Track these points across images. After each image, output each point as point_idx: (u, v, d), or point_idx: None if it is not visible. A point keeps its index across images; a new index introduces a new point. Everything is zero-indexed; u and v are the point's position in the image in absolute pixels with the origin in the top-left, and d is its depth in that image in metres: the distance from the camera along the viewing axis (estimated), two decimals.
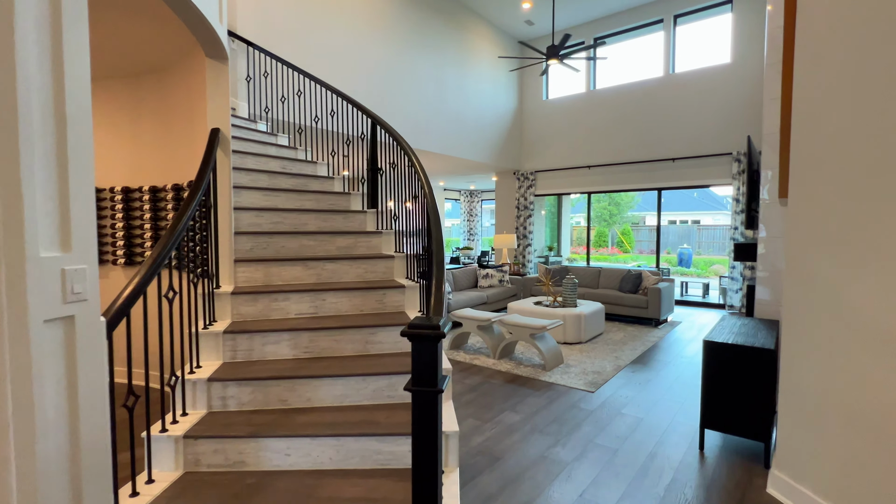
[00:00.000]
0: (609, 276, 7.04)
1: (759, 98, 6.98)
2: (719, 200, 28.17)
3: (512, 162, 9.54)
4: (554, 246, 11.70)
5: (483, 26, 8.47)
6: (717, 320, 6.23)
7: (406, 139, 7.11)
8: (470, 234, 15.00)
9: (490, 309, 6.69)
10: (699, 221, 26.56)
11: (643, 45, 8.33)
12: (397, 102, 6.74)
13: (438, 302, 1.59)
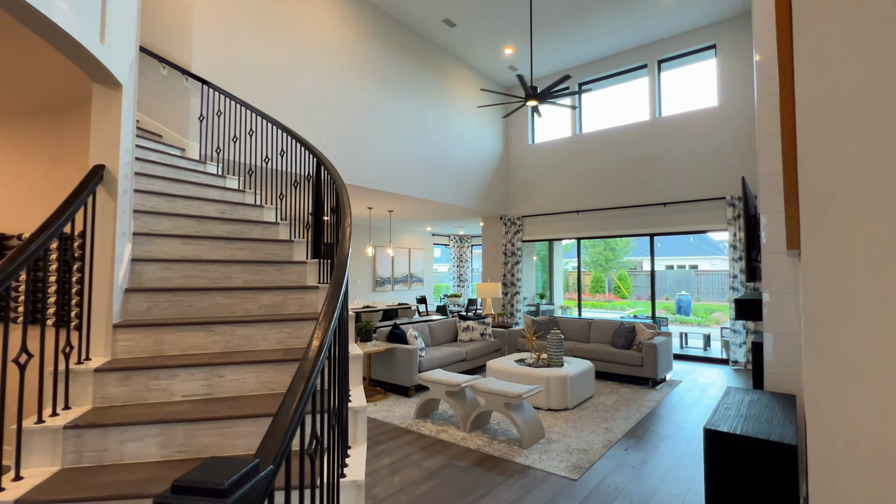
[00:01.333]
0: (600, 329, 6.46)
1: (749, 141, 6.71)
2: (716, 245, 27.95)
3: (498, 207, 9.19)
4: (546, 293, 11.16)
5: (465, 71, 8.36)
6: (719, 383, 5.60)
7: (384, 183, 6.78)
8: (460, 281, 14.48)
9: (469, 367, 6.06)
10: (697, 266, 26.18)
11: (628, 91, 8.19)
12: (374, 145, 6.44)
13: (273, 437, 1.02)
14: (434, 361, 5.40)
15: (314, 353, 1.32)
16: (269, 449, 0.95)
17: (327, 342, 1.42)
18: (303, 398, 1.15)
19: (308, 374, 1.22)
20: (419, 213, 9.32)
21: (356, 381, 2.40)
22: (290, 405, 1.12)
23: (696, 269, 24.77)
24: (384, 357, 5.30)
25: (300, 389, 1.16)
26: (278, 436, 1.00)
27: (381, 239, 11.85)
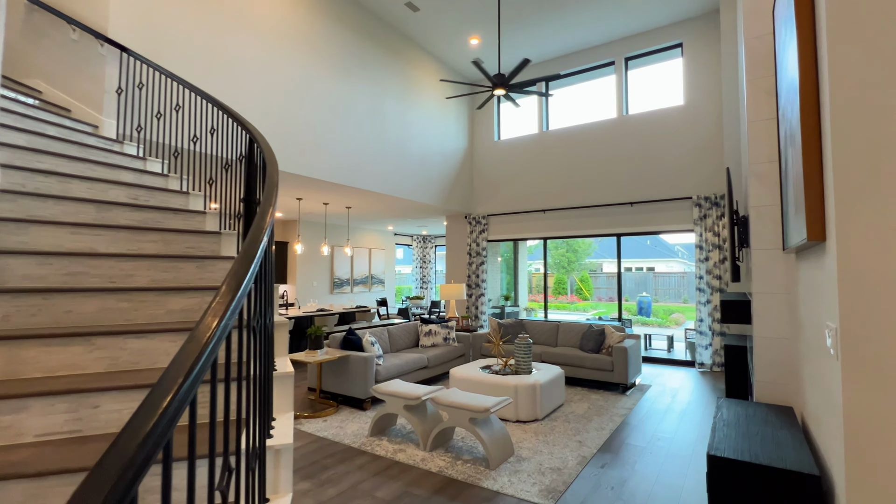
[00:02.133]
0: (568, 333, 6.19)
1: (715, 140, 6.64)
2: (670, 248, 28.83)
3: (462, 205, 8.82)
4: (510, 295, 10.90)
5: (429, 61, 7.95)
6: (688, 387, 5.35)
7: (340, 175, 6.24)
8: (423, 282, 14.03)
9: (431, 375, 5.63)
10: (654, 268, 26.92)
11: (596, 88, 8.03)
12: (329, 135, 5.90)
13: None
14: (392, 370, 4.93)
15: (180, 373, 0.83)
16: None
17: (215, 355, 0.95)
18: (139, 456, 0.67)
19: (156, 413, 0.74)
20: (379, 210, 8.81)
21: (284, 407, 1.91)
22: (113, 468, 0.64)
23: (654, 271, 25.46)
24: (336, 366, 4.78)
25: (133, 442, 0.68)
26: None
27: (339, 238, 11.24)
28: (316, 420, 4.27)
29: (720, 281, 6.47)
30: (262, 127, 5.02)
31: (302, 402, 4.85)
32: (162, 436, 0.71)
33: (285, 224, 10.57)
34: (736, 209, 3.12)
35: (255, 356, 1.42)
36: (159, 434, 0.71)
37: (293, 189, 6.59)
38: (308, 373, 5.08)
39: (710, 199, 6.55)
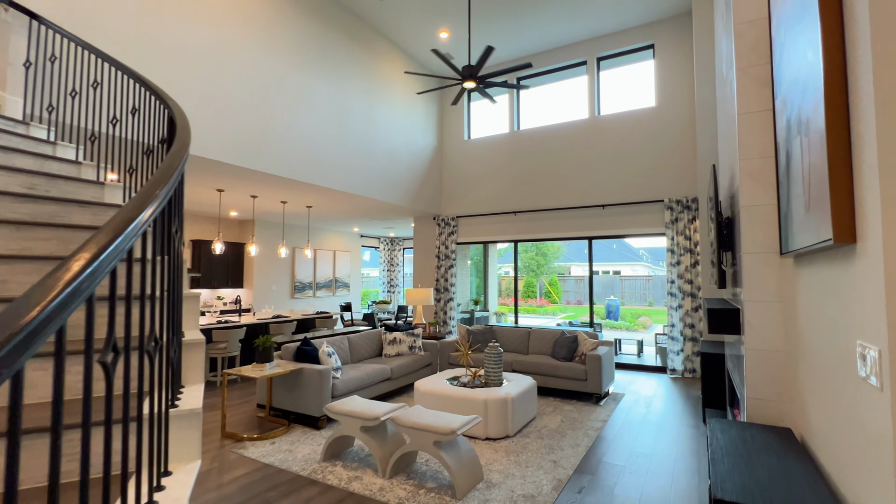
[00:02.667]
0: (540, 339, 5.93)
1: (687, 143, 6.56)
2: (635, 252, 29.44)
3: (431, 206, 8.47)
4: (480, 299, 10.62)
5: (396, 54, 7.58)
6: (662, 394, 5.09)
7: (298, 171, 5.77)
8: (391, 286, 13.58)
9: (395, 387, 5.23)
10: (619, 272, 27.38)
11: (568, 88, 7.87)
12: (286, 127, 5.43)
13: None
14: (352, 383, 4.50)
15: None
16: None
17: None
18: None
19: None
20: (343, 210, 8.35)
21: (187, 442, 1.49)
22: None
23: (620, 275, 25.88)
24: (289, 381, 4.32)
25: None
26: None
27: (301, 239, 10.66)
28: (263, 443, 3.80)
29: (691, 285, 6.37)
30: (207, 116, 4.51)
31: (249, 422, 4.36)
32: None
33: (241, 224, 9.92)
34: (719, 209, 2.90)
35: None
36: None
37: (247, 185, 6.06)
38: (257, 387, 4.59)
39: (682, 203, 6.46)
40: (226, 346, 5.88)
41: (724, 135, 3.55)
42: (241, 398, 5.19)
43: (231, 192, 6.59)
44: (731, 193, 3.00)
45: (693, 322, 6.33)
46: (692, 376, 6.31)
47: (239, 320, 6.61)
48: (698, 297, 6.32)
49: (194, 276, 8.89)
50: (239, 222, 9.93)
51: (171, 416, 1.43)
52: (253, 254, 6.90)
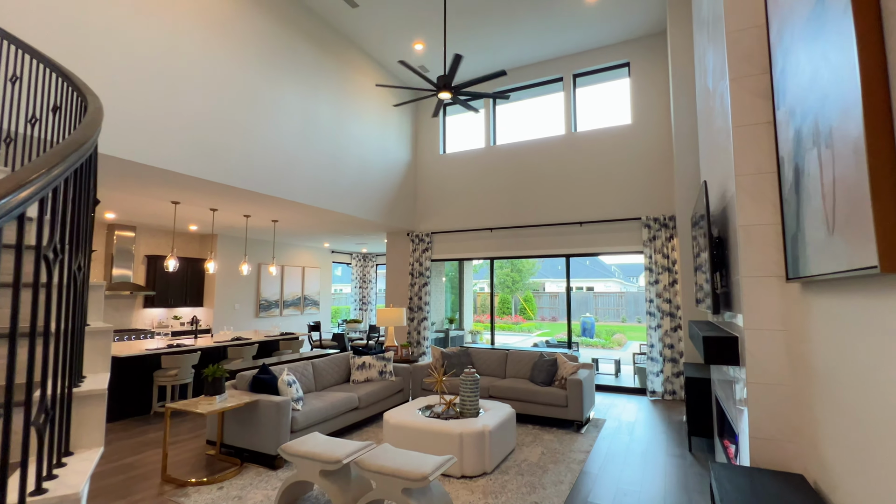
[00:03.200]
0: (518, 362, 5.65)
1: (662, 162, 6.52)
2: (607, 268, 29.80)
3: (405, 221, 8.17)
4: (455, 318, 10.31)
5: (369, 65, 7.34)
6: (643, 419, 4.72)
7: (263, 184, 5.38)
8: (363, 303, 13.11)
9: (364, 416, 4.83)
10: (593, 288, 27.62)
11: (544, 105, 7.78)
12: (250, 136, 5.06)
13: None
14: (314, 415, 4.09)
15: None
16: None
17: None
18: None
19: None
20: (312, 225, 7.95)
21: None
22: None
23: (593, 291, 26.08)
24: (243, 414, 3.88)
25: None
26: None
27: (266, 255, 10.15)
28: (209, 489, 3.34)
29: (670, 304, 6.25)
30: (158, 118, 4.11)
31: (196, 461, 3.88)
32: None
33: (201, 239, 9.36)
34: (710, 228, 2.71)
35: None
36: None
37: (206, 197, 5.62)
38: (207, 421, 4.11)
39: (660, 221, 6.38)
40: (176, 374, 5.36)
41: (708, 150, 3.41)
42: (190, 432, 4.68)
43: (189, 204, 6.12)
44: (721, 212, 2.82)
45: (672, 342, 6.19)
46: (672, 398, 6.14)
47: (194, 343, 6.08)
48: (677, 317, 6.20)
49: (148, 295, 8.27)
50: (199, 237, 9.36)
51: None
52: (211, 270, 6.40)
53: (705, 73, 3.40)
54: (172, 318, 8.77)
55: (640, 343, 9.16)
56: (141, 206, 6.42)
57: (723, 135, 2.62)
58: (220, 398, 3.71)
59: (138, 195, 5.57)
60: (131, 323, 8.13)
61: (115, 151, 3.77)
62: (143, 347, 5.58)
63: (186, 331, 8.25)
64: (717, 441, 3.56)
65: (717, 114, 2.86)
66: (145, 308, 8.37)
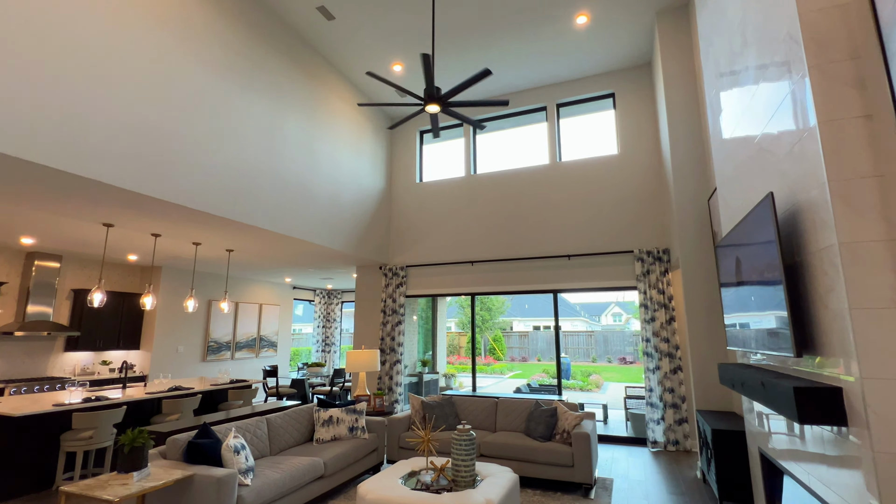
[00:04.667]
0: (510, 412, 4.94)
1: (655, 193, 6.25)
2: (572, 307, 29.77)
3: (378, 254, 7.47)
4: (429, 360, 9.50)
5: (342, 84, 6.84)
6: (653, 479, 3.91)
7: (219, 205, 4.55)
8: (326, 344, 12.04)
9: (330, 486, 3.93)
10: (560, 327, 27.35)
11: (528, 134, 7.49)
12: (205, 149, 4.34)
13: None
14: (268, 491, 3.20)
15: None
16: None
17: None
18: None
19: None
20: (274, 257, 7.11)
21: None
22: None
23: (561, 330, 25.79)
24: (173, 495, 2.95)
25: None
26: None
27: (217, 290, 9.09)
28: None
29: (668, 344, 5.78)
30: (82, 114, 3.35)
31: None
32: None
33: (141, 272, 8.26)
34: (791, 250, 2.22)
35: None
36: None
37: (146, 219, 4.77)
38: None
39: (653, 254, 6.01)
40: (92, 436, 4.28)
41: (742, 163, 3.01)
42: None
43: (125, 228, 5.21)
44: (793, 227, 2.35)
45: (672, 386, 5.67)
46: (676, 449, 5.56)
47: (122, 395, 5.00)
48: (676, 358, 5.72)
49: (71, 336, 7.05)
50: (139, 269, 8.26)
51: None
52: (148, 306, 5.41)
53: (735, 75, 3.05)
54: (100, 363, 7.51)
55: (627, 385, 8.64)
56: (68, 231, 5.44)
57: (792, 137, 2.18)
58: (140, 475, 2.78)
59: (62, 215, 4.65)
60: (46, 370, 6.84)
61: (19, 151, 2.97)
62: (52, 402, 4.49)
63: (114, 379, 7.02)
64: None
65: (759, 115, 2.46)
66: (67, 352, 7.11)
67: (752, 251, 2.57)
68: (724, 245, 3.28)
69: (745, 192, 2.97)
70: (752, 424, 3.22)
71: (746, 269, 2.70)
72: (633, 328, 24.34)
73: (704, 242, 4.84)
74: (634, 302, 26.90)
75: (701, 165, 5.02)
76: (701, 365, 4.71)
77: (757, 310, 2.54)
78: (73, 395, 4.72)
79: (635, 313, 23.98)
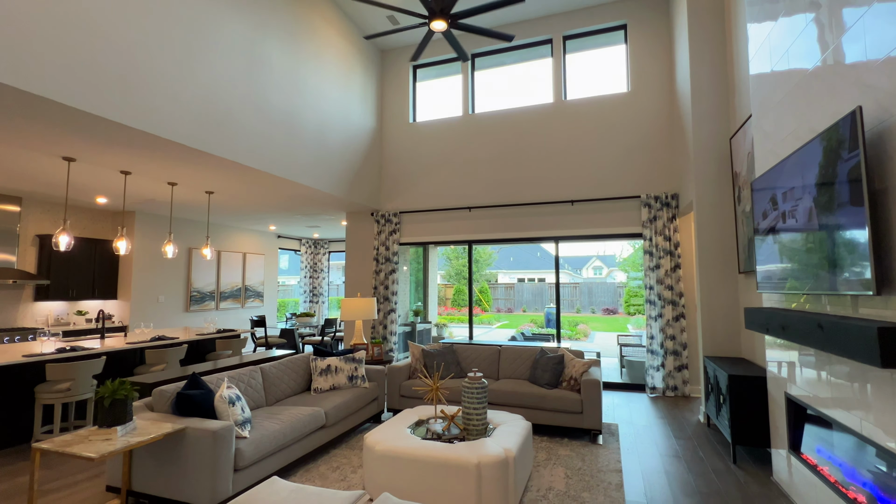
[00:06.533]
0: (514, 360, 4.79)
1: (665, 135, 5.90)
2: (550, 259, 29.98)
3: (369, 199, 7.05)
4: (421, 309, 9.34)
5: (330, 9, 6.11)
6: (656, 424, 3.87)
7: (194, 136, 4.02)
8: (313, 295, 11.77)
9: (332, 436, 3.75)
10: (545, 280, 27.65)
11: (531, 71, 6.94)
12: (173, 69, 3.77)
13: None
14: (267, 443, 2.97)
15: None
16: None
17: None
18: None
19: None
20: (257, 200, 6.62)
21: None
22: None
23: (546, 282, 26.07)
24: (162, 449, 2.69)
25: None
26: None
27: (198, 237, 8.60)
28: None
29: (672, 292, 5.66)
30: (23, 26, 2.77)
31: None
32: None
33: (112, 217, 7.68)
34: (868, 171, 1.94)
35: None
36: None
37: (113, 152, 4.23)
38: (109, 459, 2.87)
39: (661, 199, 5.76)
40: (70, 387, 3.97)
41: (797, 84, 2.67)
42: (82, 472, 3.37)
43: (89, 163, 4.66)
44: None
45: (674, 333, 5.60)
46: (675, 395, 5.57)
47: (101, 346, 4.66)
48: (680, 305, 5.62)
49: (40, 285, 6.57)
50: (111, 214, 7.67)
51: None
52: (123, 251, 4.96)
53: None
54: (75, 313, 7.10)
55: (619, 334, 8.68)
56: (24, 167, 4.85)
57: (870, 48, 1.84)
58: (125, 429, 2.50)
59: (15, 146, 4.08)
60: (16, 321, 6.40)
61: None
62: (23, 353, 4.13)
63: (92, 330, 6.65)
64: (789, 455, 2.89)
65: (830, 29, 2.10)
66: (38, 301, 6.66)
67: (808, 181, 2.28)
68: (763, 180, 3.00)
69: (800, 120, 2.65)
70: (775, 368, 3.09)
71: (797, 202, 2.43)
72: (616, 280, 24.71)
73: (723, 183, 4.58)
74: (616, 255, 27.24)
75: (724, 102, 4.67)
76: (711, 311, 4.58)
77: (813, 246, 2.30)
78: (45, 346, 4.36)
79: (621, 265, 24.27)
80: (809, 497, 2.62)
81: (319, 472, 3.33)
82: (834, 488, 2.34)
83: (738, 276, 4.46)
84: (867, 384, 2.01)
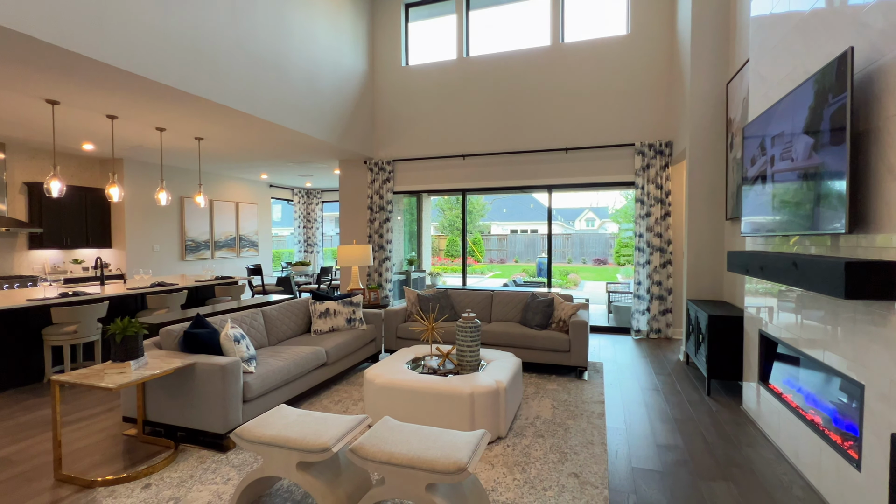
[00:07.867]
0: (506, 304, 4.98)
1: (662, 79, 5.81)
2: (543, 211, 30.12)
3: (361, 146, 6.96)
4: (415, 259, 9.48)
5: None
6: (639, 362, 4.26)
7: (181, 77, 3.90)
8: (308, 245, 11.84)
9: (332, 374, 3.96)
10: (537, 231, 27.86)
11: (527, 11, 6.66)
12: (159, 7, 3.59)
13: None
14: (272, 378, 3.16)
15: None
16: None
17: None
18: None
19: None
20: (248, 148, 6.52)
21: None
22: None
23: (538, 233, 26.27)
24: (173, 383, 2.86)
25: None
26: None
27: (190, 185, 8.51)
28: (130, 487, 2.38)
29: (660, 239, 5.80)
30: None
31: (110, 447, 2.86)
32: None
33: (101, 164, 7.55)
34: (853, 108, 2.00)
35: None
36: None
37: (99, 95, 4.11)
38: (123, 393, 3.05)
39: (655, 147, 5.76)
40: (76, 329, 4.10)
41: (796, 25, 2.65)
42: (99, 404, 3.58)
43: (73, 107, 4.53)
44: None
45: (661, 279, 5.80)
46: (658, 336, 5.86)
47: (101, 292, 4.76)
48: (667, 252, 5.78)
49: (34, 233, 6.56)
50: (99, 162, 7.53)
51: None
52: (115, 198, 4.94)
53: None
54: (72, 261, 7.14)
55: (608, 283, 8.94)
56: (5, 110, 4.70)
57: None
58: (137, 363, 2.64)
59: None
60: (12, 269, 6.45)
61: None
62: (27, 297, 4.22)
63: (90, 277, 6.72)
64: (759, 385, 3.13)
65: None
66: (32, 249, 6.67)
67: (796, 123, 2.33)
68: (754, 125, 3.03)
69: (796, 62, 2.65)
70: (752, 309, 3.27)
71: (786, 146, 2.48)
72: (608, 231, 24.95)
73: (717, 130, 4.59)
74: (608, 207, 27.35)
75: (723, 46, 4.58)
76: (697, 255, 4.74)
77: (796, 189, 2.38)
78: (47, 291, 4.45)
79: (613, 216, 24.42)
80: (773, 421, 2.87)
81: (322, 405, 3.55)
82: (795, 412, 2.57)
83: (725, 223, 4.58)
84: (833, 322, 2.16)
